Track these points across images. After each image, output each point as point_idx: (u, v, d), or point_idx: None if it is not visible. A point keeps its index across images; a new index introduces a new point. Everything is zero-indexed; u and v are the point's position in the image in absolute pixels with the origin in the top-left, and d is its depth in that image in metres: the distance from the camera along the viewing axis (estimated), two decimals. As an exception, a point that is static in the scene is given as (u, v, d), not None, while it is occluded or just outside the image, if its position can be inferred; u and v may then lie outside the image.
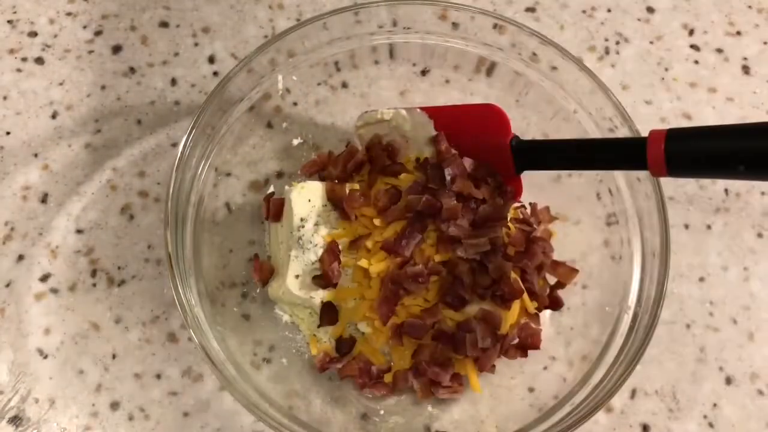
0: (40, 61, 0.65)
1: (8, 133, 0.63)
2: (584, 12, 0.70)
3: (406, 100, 0.63)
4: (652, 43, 0.69)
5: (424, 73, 0.63)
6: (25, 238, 0.60)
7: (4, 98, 0.64)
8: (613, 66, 0.68)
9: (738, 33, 0.69)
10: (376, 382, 0.55)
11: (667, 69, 0.68)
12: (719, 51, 0.69)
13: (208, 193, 0.57)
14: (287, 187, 0.57)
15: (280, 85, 0.60)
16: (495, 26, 0.58)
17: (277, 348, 0.57)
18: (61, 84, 0.65)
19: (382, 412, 0.55)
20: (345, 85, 0.64)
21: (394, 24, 0.60)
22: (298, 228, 0.55)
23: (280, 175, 0.61)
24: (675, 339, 0.59)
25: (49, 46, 0.66)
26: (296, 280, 0.55)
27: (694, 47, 0.69)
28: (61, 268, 0.59)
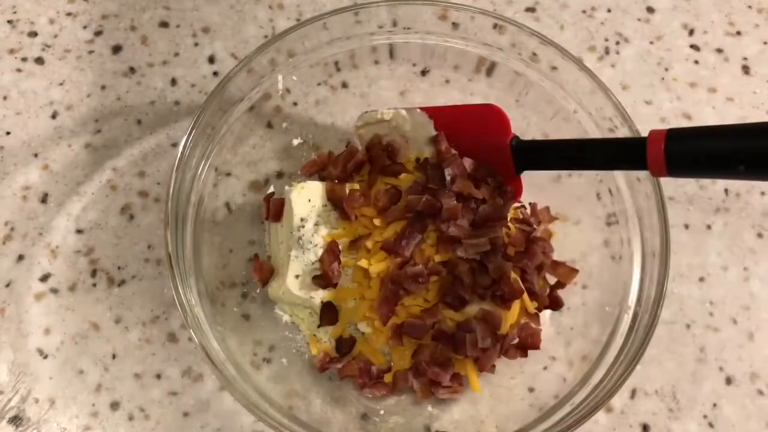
0: (40, 61, 0.65)
1: (8, 133, 0.63)
2: (584, 12, 0.70)
3: (406, 100, 0.63)
4: (652, 43, 0.69)
5: (424, 73, 0.63)
6: (25, 238, 0.60)
7: (4, 98, 0.64)
8: (613, 66, 0.68)
9: (738, 33, 0.69)
10: (376, 382, 0.55)
11: (667, 69, 0.68)
12: (719, 51, 0.69)
13: (208, 193, 0.57)
14: (287, 187, 0.57)
15: (280, 85, 0.60)
16: (495, 26, 0.58)
17: (277, 348, 0.57)
18: (61, 84, 0.65)
19: (382, 412, 0.55)
20: (345, 85, 0.64)
21: (394, 24, 0.60)
22: (298, 228, 0.55)
23: (280, 175, 0.61)
24: (675, 339, 0.59)
25: (49, 46, 0.66)
26: (296, 280, 0.55)
27: (694, 47, 0.69)
28: (61, 268, 0.59)
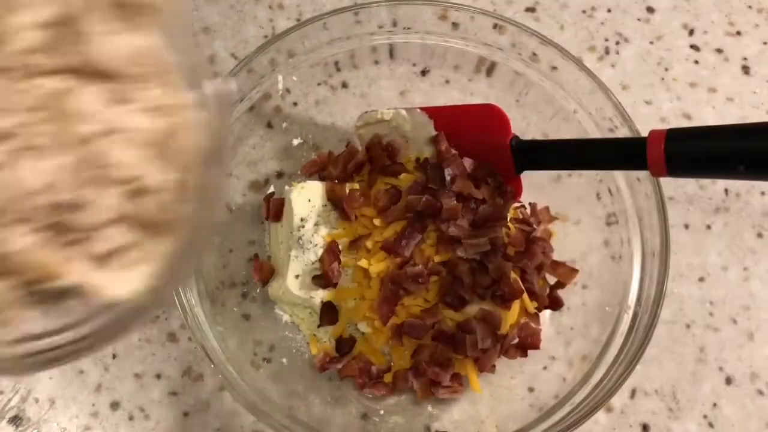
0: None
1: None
2: (584, 12, 0.70)
3: (406, 100, 0.63)
4: (652, 43, 0.69)
5: (424, 73, 0.63)
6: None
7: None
8: (613, 66, 0.68)
9: (738, 33, 0.69)
10: (376, 382, 0.55)
11: (667, 69, 0.68)
12: (719, 51, 0.69)
13: (208, 193, 0.57)
14: (287, 187, 0.57)
15: (280, 85, 0.60)
16: (495, 26, 0.58)
17: (277, 348, 0.57)
18: (61, 84, 0.65)
19: (382, 412, 0.55)
20: (345, 85, 0.64)
21: (394, 24, 0.60)
22: (298, 228, 0.55)
23: (280, 175, 0.61)
24: (675, 339, 0.59)
25: (49, 46, 0.66)
26: (296, 280, 0.55)
27: (694, 47, 0.69)
28: (61, 268, 0.59)
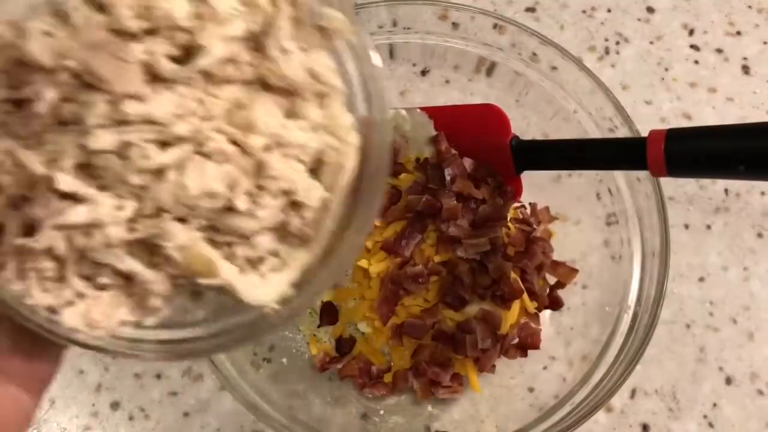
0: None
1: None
2: (584, 12, 0.70)
3: (406, 100, 0.63)
4: (652, 43, 0.69)
5: (424, 73, 0.63)
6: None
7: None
8: (613, 66, 0.68)
9: (738, 33, 0.69)
10: (376, 382, 0.55)
11: (667, 69, 0.68)
12: (719, 51, 0.69)
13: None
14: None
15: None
16: (495, 26, 0.58)
17: (277, 348, 0.57)
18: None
19: (382, 412, 0.55)
20: (345, 85, 0.63)
21: (394, 24, 0.59)
22: (298, 228, 0.55)
23: (280, 175, 0.61)
24: (675, 339, 0.59)
25: (49, 46, 0.66)
26: (296, 280, 0.55)
27: (694, 47, 0.69)
28: (61, 268, 0.59)
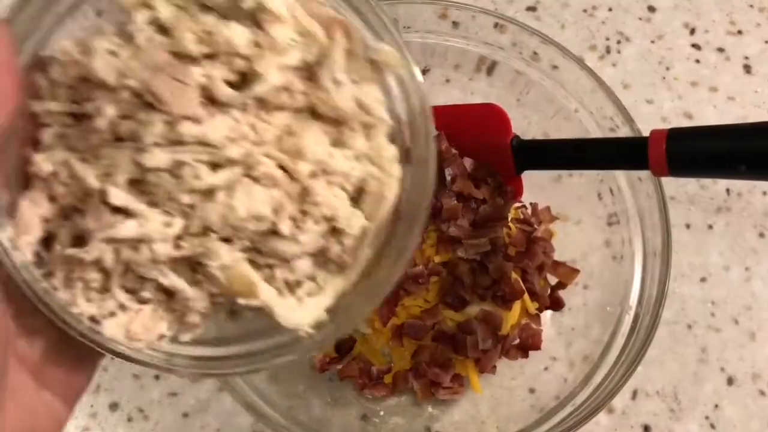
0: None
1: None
2: (585, 11, 0.70)
3: (406, 99, 0.63)
4: (653, 42, 0.69)
5: (424, 72, 0.63)
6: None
7: (3, 98, 0.64)
8: (614, 65, 0.68)
9: (739, 32, 0.69)
10: (376, 383, 0.54)
11: (668, 68, 0.68)
12: (720, 50, 0.68)
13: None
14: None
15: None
16: (496, 25, 0.58)
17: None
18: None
19: (382, 413, 0.55)
20: (345, 84, 0.63)
21: (395, 23, 0.59)
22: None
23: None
24: (676, 339, 0.59)
25: (48, 46, 0.66)
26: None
27: (696, 46, 0.69)
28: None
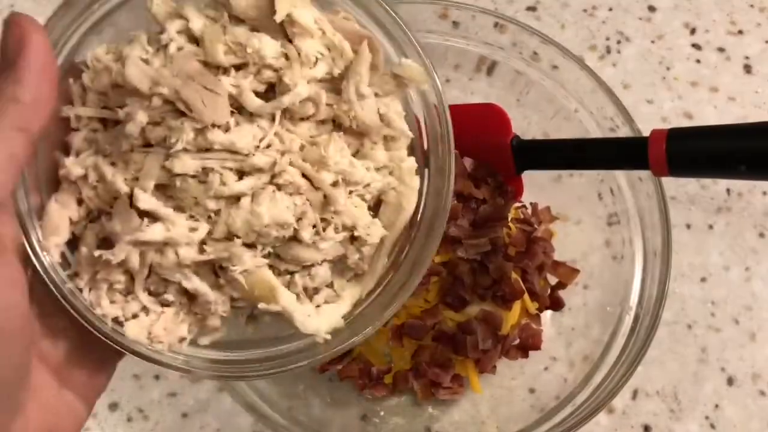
0: (39, 60, 0.65)
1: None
2: (585, 11, 0.70)
3: (406, 99, 0.63)
4: (653, 42, 0.69)
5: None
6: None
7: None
8: (614, 65, 0.68)
9: (740, 32, 0.69)
10: (376, 383, 0.54)
11: (668, 68, 0.68)
12: (721, 50, 0.68)
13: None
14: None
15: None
16: (496, 25, 0.58)
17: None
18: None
19: (382, 413, 0.55)
20: (345, 84, 0.63)
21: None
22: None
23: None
24: (677, 339, 0.59)
25: (48, 46, 0.66)
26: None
27: (696, 46, 0.69)
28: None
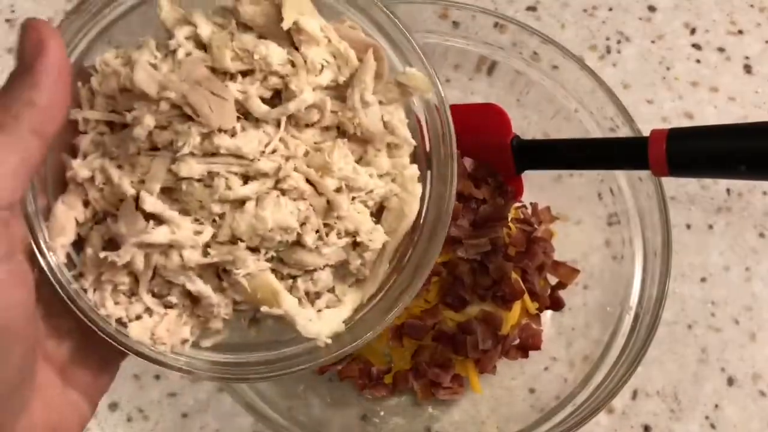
0: (38, 60, 0.65)
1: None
2: (585, 11, 0.70)
3: (406, 99, 0.63)
4: (653, 42, 0.69)
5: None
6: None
7: (3, 98, 0.64)
8: (614, 65, 0.68)
9: (740, 32, 0.69)
10: (376, 383, 0.54)
11: (668, 68, 0.68)
12: (721, 50, 0.68)
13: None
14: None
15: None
16: (496, 25, 0.58)
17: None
18: (60, 83, 0.64)
19: (382, 413, 0.55)
20: (345, 84, 0.63)
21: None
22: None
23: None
24: (677, 339, 0.59)
25: (48, 46, 0.66)
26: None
27: (696, 46, 0.69)
28: (59, 269, 0.59)
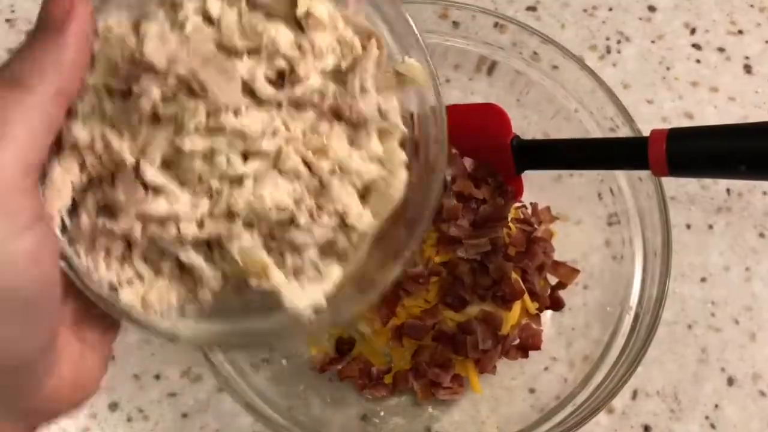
0: (39, 60, 0.65)
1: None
2: (585, 11, 0.70)
3: (406, 99, 0.63)
4: (653, 42, 0.69)
5: (424, 72, 0.63)
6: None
7: (3, 98, 0.64)
8: (614, 65, 0.68)
9: (740, 32, 0.69)
10: (376, 383, 0.54)
11: (668, 68, 0.68)
12: (721, 50, 0.68)
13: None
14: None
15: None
16: (496, 25, 0.58)
17: (277, 348, 0.56)
18: (60, 83, 0.64)
19: (382, 413, 0.55)
20: (345, 84, 0.63)
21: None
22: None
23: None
24: (676, 339, 0.59)
25: (48, 46, 0.66)
26: (296, 280, 0.54)
27: (696, 46, 0.69)
28: (59, 269, 0.59)
